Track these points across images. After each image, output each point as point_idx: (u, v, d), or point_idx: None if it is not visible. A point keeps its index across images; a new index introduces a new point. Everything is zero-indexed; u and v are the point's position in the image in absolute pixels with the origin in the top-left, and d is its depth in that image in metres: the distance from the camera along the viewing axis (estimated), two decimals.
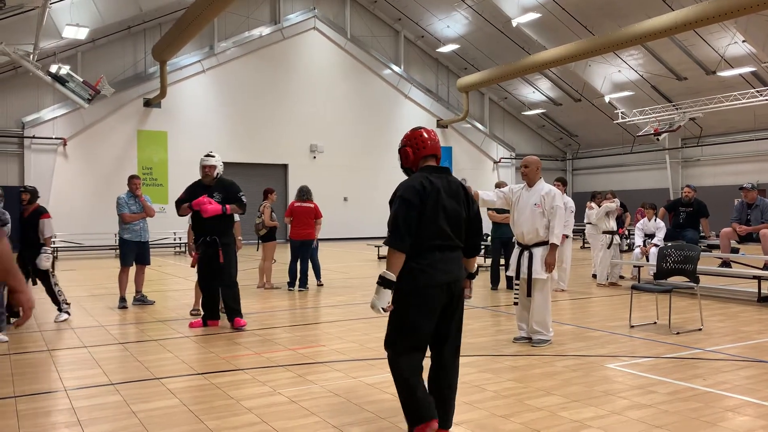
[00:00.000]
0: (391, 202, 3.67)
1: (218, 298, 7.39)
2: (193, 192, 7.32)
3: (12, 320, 7.07)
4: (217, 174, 7.33)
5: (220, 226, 7.23)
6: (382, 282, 3.52)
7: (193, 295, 8.68)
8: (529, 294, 6.21)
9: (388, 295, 3.53)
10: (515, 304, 6.40)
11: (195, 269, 7.53)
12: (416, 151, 3.79)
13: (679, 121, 24.55)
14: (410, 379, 3.55)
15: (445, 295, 3.60)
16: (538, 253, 6.16)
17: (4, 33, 16.53)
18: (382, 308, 3.53)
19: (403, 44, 29.34)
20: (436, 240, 3.60)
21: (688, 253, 7.46)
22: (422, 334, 3.58)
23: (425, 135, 3.81)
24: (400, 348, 3.60)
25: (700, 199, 10.96)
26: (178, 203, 7.33)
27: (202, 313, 7.58)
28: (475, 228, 3.85)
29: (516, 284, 6.34)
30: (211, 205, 7.10)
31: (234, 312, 7.21)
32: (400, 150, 3.88)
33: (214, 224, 7.19)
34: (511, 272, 6.45)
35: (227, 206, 7.19)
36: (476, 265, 4.00)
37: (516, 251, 6.37)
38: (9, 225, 7.14)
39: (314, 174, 24.90)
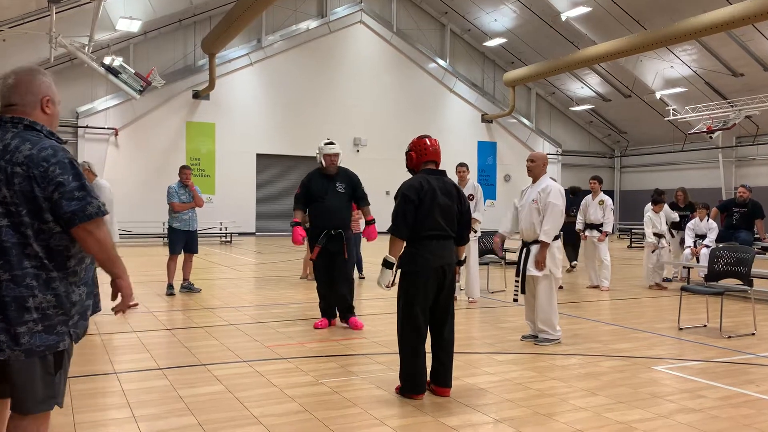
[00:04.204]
0: (395, 198, 4.42)
1: (332, 296, 6.85)
2: (313, 184, 6.74)
3: None
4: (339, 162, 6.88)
5: (346, 220, 6.82)
6: (385, 263, 4.36)
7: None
8: (522, 291, 6.16)
9: (389, 275, 4.36)
10: (514, 300, 6.37)
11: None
12: (419, 155, 4.57)
13: (734, 118, 23.74)
14: (412, 355, 4.30)
15: (439, 275, 4.33)
16: (534, 250, 6.09)
17: (61, 25, 17.04)
18: (385, 285, 4.37)
19: (449, 38, 29.13)
20: (432, 230, 4.33)
21: (741, 255, 7.23)
22: (421, 307, 4.30)
23: (428, 143, 4.58)
24: (406, 323, 4.33)
25: (756, 200, 10.61)
26: (297, 199, 6.79)
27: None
28: (464, 222, 4.55)
29: (516, 281, 6.28)
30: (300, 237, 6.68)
31: (350, 310, 6.85)
32: (406, 153, 4.65)
33: (341, 217, 6.75)
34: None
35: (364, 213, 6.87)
36: (464, 254, 4.73)
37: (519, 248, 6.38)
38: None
39: (357, 167, 24.55)
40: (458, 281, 4.63)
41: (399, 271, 4.41)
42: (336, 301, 6.83)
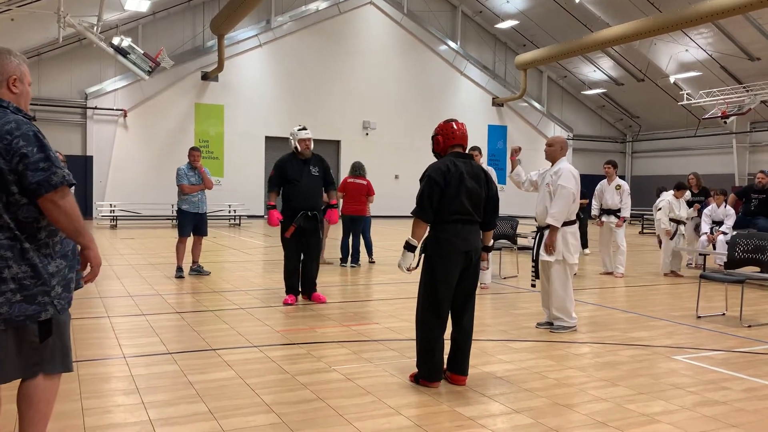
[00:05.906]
0: (421, 180, 4.33)
1: (300, 273, 7.30)
2: (289, 168, 7.06)
3: None
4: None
5: (319, 202, 7.21)
6: (407, 246, 4.29)
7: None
8: (537, 276, 6.09)
9: (410, 258, 4.31)
10: (533, 286, 6.30)
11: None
12: (446, 139, 4.46)
13: (749, 103, 23.35)
14: (431, 341, 4.22)
15: (464, 260, 4.24)
16: (546, 234, 6.00)
17: (69, 5, 16.86)
18: (406, 268, 4.32)
19: (461, 20, 28.75)
20: (458, 215, 4.25)
21: (759, 242, 7.08)
22: (444, 292, 4.22)
23: (455, 127, 4.48)
24: (427, 308, 4.25)
25: None
26: (272, 181, 7.16)
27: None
28: (492, 206, 4.48)
29: (533, 266, 6.16)
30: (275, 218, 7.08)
31: (314, 285, 7.33)
32: (432, 137, 4.54)
33: (315, 199, 7.14)
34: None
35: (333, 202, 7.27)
36: (491, 240, 4.65)
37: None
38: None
39: (366, 151, 24.78)
40: (486, 268, 4.56)
41: (422, 255, 4.33)
42: (305, 277, 7.25)
